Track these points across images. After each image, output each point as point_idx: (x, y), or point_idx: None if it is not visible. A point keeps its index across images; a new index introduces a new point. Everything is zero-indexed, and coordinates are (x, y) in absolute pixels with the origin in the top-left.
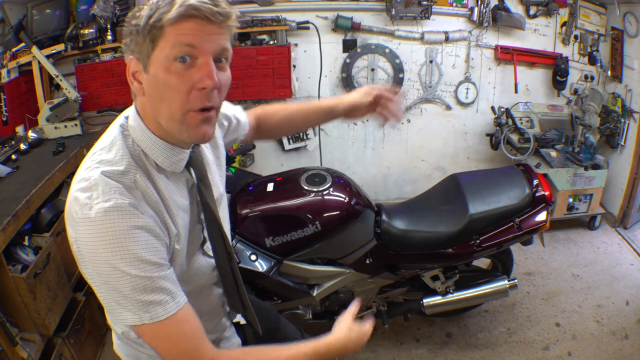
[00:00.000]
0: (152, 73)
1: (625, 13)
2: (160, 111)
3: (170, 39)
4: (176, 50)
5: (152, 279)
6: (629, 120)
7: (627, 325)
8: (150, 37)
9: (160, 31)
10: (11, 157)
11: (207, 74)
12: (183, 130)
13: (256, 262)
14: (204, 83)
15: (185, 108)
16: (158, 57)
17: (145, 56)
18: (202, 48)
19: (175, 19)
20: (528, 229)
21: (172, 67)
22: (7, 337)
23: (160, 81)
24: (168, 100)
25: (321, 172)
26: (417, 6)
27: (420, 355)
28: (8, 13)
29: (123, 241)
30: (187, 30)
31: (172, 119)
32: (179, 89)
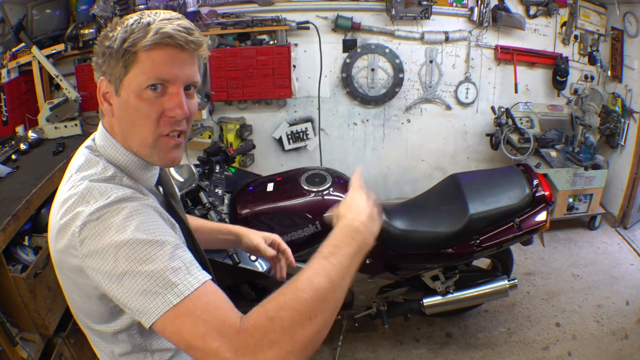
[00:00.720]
0: (124, 97)
1: (625, 13)
2: (131, 135)
3: (143, 66)
4: (149, 80)
5: (177, 245)
6: (629, 120)
7: (627, 325)
8: (124, 61)
9: (134, 56)
10: (11, 157)
11: (178, 104)
12: (154, 154)
13: (256, 262)
14: (174, 112)
15: (156, 133)
16: (130, 82)
17: (117, 79)
18: (174, 77)
19: (150, 46)
20: (528, 229)
21: (143, 95)
22: (7, 337)
23: (131, 106)
24: (139, 125)
25: (321, 172)
26: (417, 6)
27: (420, 355)
28: (8, 13)
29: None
30: (160, 59)
31: (143, 144)
32: (149, 116)
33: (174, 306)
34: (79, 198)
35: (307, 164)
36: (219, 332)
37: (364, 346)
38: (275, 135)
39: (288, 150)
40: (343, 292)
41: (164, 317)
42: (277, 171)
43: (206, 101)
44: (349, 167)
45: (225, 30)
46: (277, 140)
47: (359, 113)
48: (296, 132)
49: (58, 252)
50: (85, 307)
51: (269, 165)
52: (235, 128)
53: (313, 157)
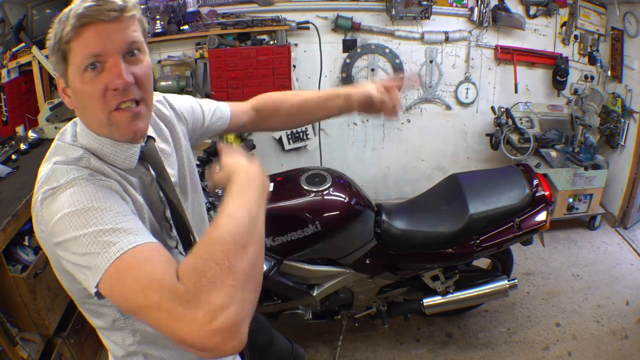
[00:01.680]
0: (72, 87)
1: (625, 13)
2: (88, 120)
3: (76, 52)
4: (84, 61)
5: (121, 213)
6: (629, 120)
7: (627, 325)
8: (61, 54)
9: (66, 46)
10: (11, 157)
11: (116, 74)
12: (114, 131)
13: None
14: (114, 84)
15: (106, 110)
16: (72, 71)
17: (63, 72)
18: (106, 50)
19: (73, 32)
20: (528, 229)
21: (85, 78)
22: (7, 337)
23: (78, 92)
24: (90, 108)
25: (321, 172)
26: (417, 6)
27: (420, 355)
28: (8, 13)
29: (84, 193)
30: (88, 39)
31: (100, 125)
32: (93, 96)
33: (113, 262)
34: (44, 179)
35: (307, 164)
36: (159, 283)
37: (364, 346)
38: (275, 135)
39: (288, 150)
40: (262, 225)
41: (106, 276)
42: (277, 171)
43: None
44: (349, 167)
45: (225, 30)
46: (277, 140)
47: None
48: (296, 132)
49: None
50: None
51: (269, 165)
52: None
53: (313, 157)
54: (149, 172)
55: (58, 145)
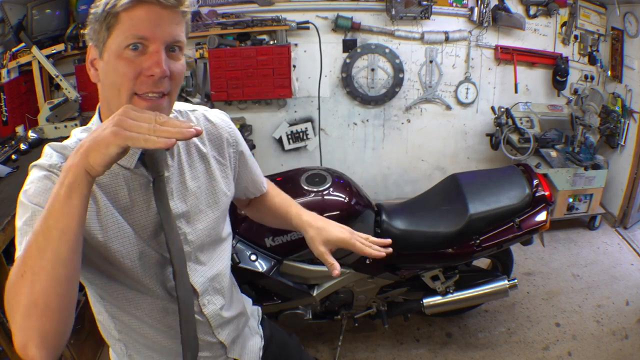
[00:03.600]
0: (106, 59)
1: (625, 13)
2: (110, 97)
3: (123, 27)
4: (128, 39)
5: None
6: (629, 120)
7: (627, 325)
8: (106, 24)
9: (115, 18)
10: (11, 157)
11: (156, 62)
12: None
13: (256, 262)
14: (152, 70)
15: (131, 92)
16: (112, 44)
17: (101, 43)
18: (154, 36)
19: (128, 4)
20: (528, 229)
21: (123, 54)
22: (7, 337)
23: (111, 67)
24: (117, 85)
25: (321, 172)
26: (417, 6)
27: (420, 355)
28: (8, 13)
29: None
30: (140, 17)
31: (119, 104)
32: (126, 74)
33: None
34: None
35: (307, 164)
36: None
37: (364, 346)
38: (275, 135)
39: (288, 150)
40: (55, 237)
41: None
42: (277, 171)
43: (206, 101)
44: (349, 167)
45: (225, 30)
46: (277, 140)
47: (359, 113)
48: (296, 132)
49: None
50: None
51: (269, 165)
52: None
53: (313, 157)
54: (148, 176)
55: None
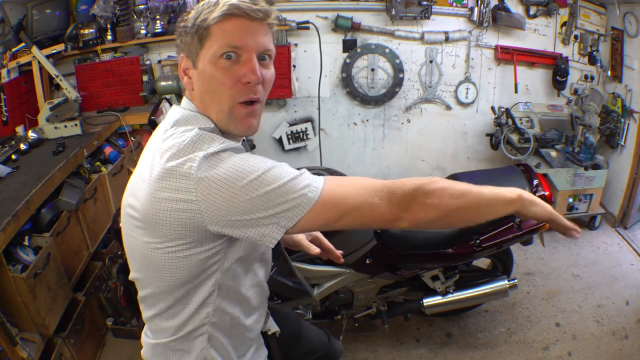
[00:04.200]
0: (201, 69)
1: (625, 13)
2: (209, 104)
3: (216, 38)
4: (222, 49)
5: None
6: (629, 120)
7: (627, 325)
8: (198, 36)
9: (206, 31)
10: (11, 157)
11: (250, 69)
12: (230, 122)
13: None
14: (248, 77)
15: (232, 101)
16: (205, 54)
17: (194, 54)
18: (246, 46)
19: (219, 18)
20: (528, 229)
21: (218, 63)
22: (7, 337)
23: (207, 76)
24: (216, 93)
25: (321, 172)
26: (417, 6)
27: (420, 355)
28: (8, 13)
29: (250, 158)
30: (231, 29)
31: (220, 111)
32: (224, 83)
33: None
34: (190, 144)
35: (307, 164)
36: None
37: (364, 346)
38: (275, 135)
39: (288, 150)
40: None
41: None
42: None
43: None
44: (349, 167)
45: None
46: (277, 140)
47: (359, 113)
48: (296, 132)
49: (159, 201)
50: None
51: None
52: None
53: (313, 157)
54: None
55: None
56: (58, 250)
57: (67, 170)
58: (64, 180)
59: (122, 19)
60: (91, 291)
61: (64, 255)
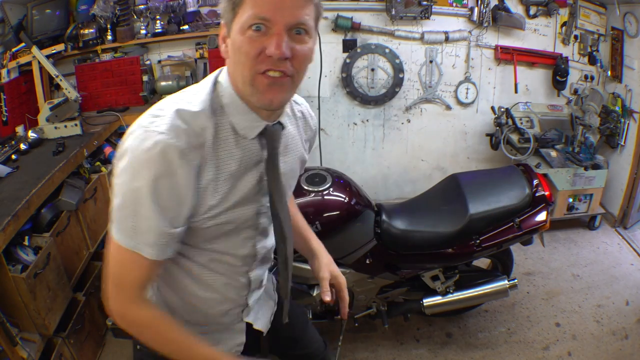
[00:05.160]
0: (232, 37)
1: (625, 13)
2: (236, 73)
3: (247, 7)
4: (251, 19)
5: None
6: (629, 120)
7: (627, 325)
8: (233, 4)
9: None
10: (11, 157)
11: (276, 44)
12: (253, 93)
13: None
14: (270, 51)
15: (253, 71)
16: (237, 23)
17: (229, 22)
18: (275, 18)
19: None
20: (528, 229)
21: (247, 34)
22: (7, 337)
23: (236, 45)
24: (241, 63)
25: (321, 172)
26: (417, 6)
27: (420, 355)
28: (8, 13)
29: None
30: (263, 1)
31: (244, 82)
32: (248, 53)
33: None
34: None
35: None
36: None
37: (364, 346)
38: None
39: None
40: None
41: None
42: None
43: None
44: (349, 167)
45: None
46: None
47: (359, 113)
48: None
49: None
50: None
51: None
52: None
53: (313, 157)
54: (262, 153)
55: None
56: (58, 250)
57: (67, 170)
58: (64, 180)
59: (122, 19)
60: (91, 291)
61: (64, 255)
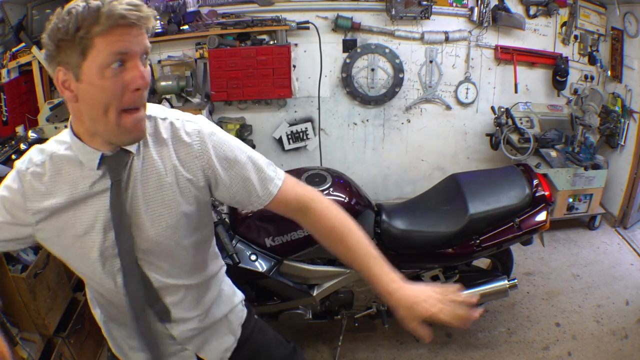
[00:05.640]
0: (86, 81)
1: (625, 13)
2: (97, 116)
3: (101, 49)
4: (111, 58)
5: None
6: (629, 120)
7: (627, 325)
8: (81, 48)
9: (90, 42)
10: (11, 157)
11: (139, 76)
12: (121, 132)
13: (256, 262)
14: (137, 83)
15: (119, 108)
16: (90, 66)
17: (75, 66)
18: (132, 52)
19: (106, 30)
20: (528, 229)
21: (105, 74)
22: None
23: (96, 88)
24: (104, 104)
25: (321, 172)
26: (417, 6)
27: (420, 355)
28: (8, 13)
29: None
30: (117, 38)
31: (108, 123)
32: (114, 92)
33: None
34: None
35: (307, 164)
36: None
37: (364, 346)
38: (275, 135)
39: (288, 150)
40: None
41: None
42: None
43: (206, 101)
44: (348, 167)
45: (225, 30)
46: (277, 140)
47: (359, 113)
48: (296, 132)
49: None
50: None
51: None
52: (235, 128)
53: (313, 157)
54: (107, 181)
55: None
56: None
57: None
58: None
59: None
60: None
61: None
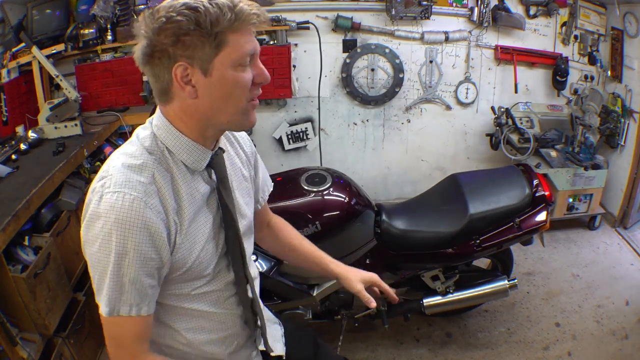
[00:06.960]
0: (218, 75)
1: (625, 13)
2: (225, 108)
3: (236, 47)
4: (245, 56)
5: (129, 275)
6: (629, 120)
7: (627, 325)
8: (216, 43)
9: (225, 37)
10: (11, 157)
11: (263, 71)
12: (244, 119)
13: (256, 262)
14: (263, 77)
15: (249, 99)
16: (222, 61)
17: (205, 61)
18: (256, 50)
19: (238, 26)
20: (528, 229)
21: (238, 69)
22: (7, 337)
23: (229, 81)
24: (236, 96)
25: (321, 172)
26: (417, 6)
27: (420, 355)
28: (8, 13)
29: (123, 232)
30: (249, 38)
31: (237, 112)
32: (245, 85)
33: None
34: (104, 174)
35: (307, 164)
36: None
37: (364, 346)
38: (275, 135)
39: (288, 150)
40: None
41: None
42: (277, 171)
43: None
44: (348, 167)
45: None
46: (277, 140)
47: (359, 113)
48: (296, 132)
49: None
50: None
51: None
52: None
53: (313, 157)
54: (212, 179)
55: (138, 135)
56: (58, 250)
57: (67, 170)
58: (64, 180)
59: (122, 19)
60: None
61: (64, 255)
